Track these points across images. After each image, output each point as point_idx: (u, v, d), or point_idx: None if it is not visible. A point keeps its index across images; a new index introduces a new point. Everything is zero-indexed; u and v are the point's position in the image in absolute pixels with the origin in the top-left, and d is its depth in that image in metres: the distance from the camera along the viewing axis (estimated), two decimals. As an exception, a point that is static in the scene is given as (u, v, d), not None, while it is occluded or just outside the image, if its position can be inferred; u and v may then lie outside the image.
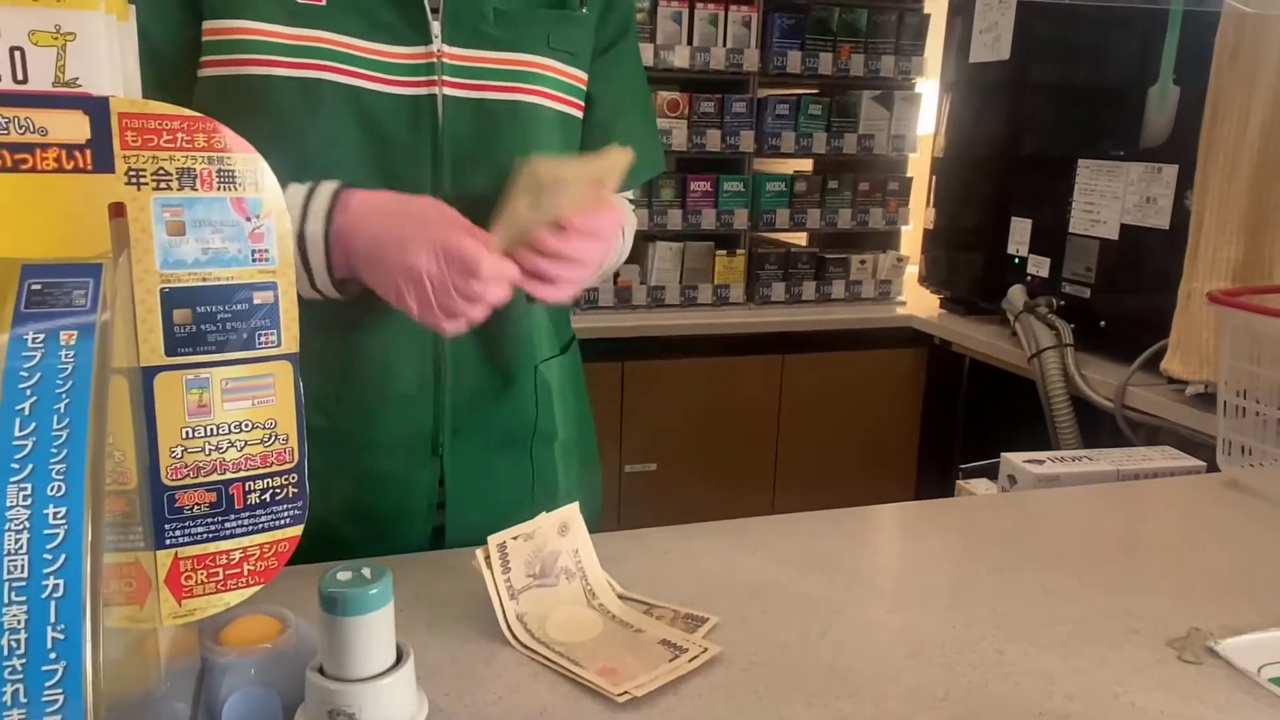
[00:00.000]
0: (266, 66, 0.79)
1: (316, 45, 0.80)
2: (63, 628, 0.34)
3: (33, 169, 0.40)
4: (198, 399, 0.45)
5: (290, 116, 0.80)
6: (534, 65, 0.87)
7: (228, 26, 0.79)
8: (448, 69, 0.84)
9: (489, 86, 0.86)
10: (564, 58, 0.90)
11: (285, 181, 0.81)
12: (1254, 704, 0.67)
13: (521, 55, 0.87)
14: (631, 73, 1.01)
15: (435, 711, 0.63)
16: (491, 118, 0.86)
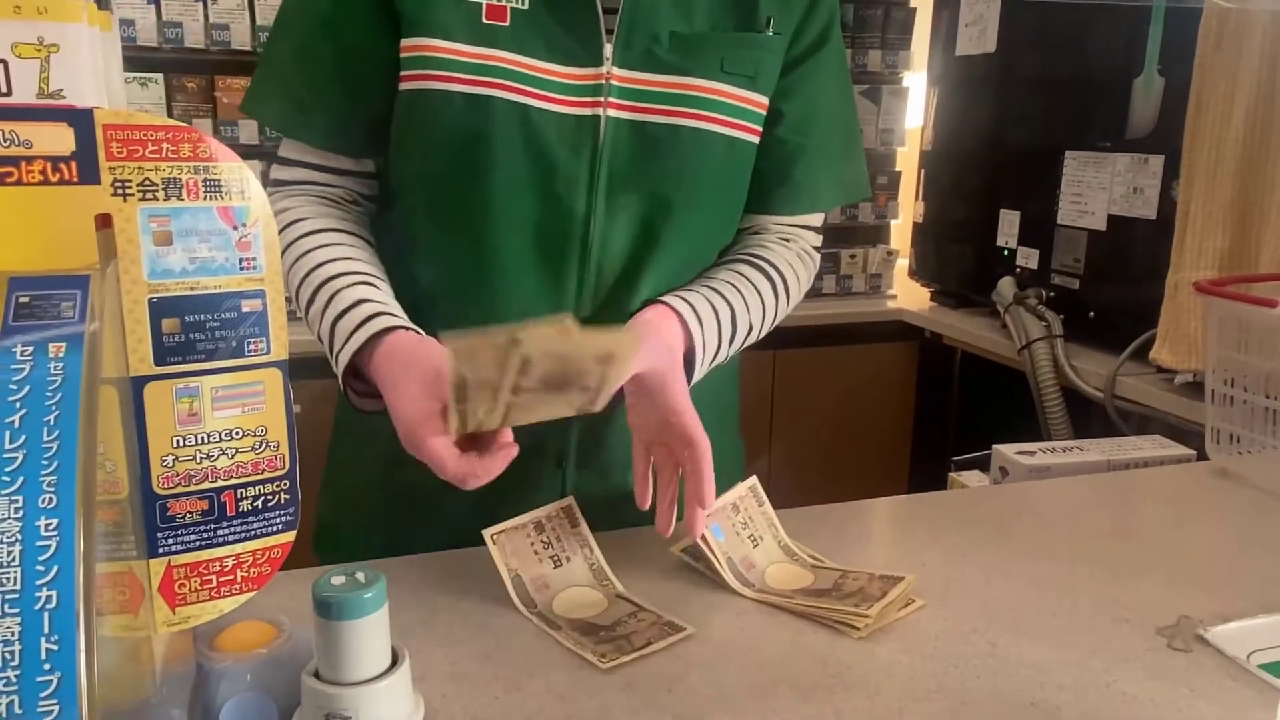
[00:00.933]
0: (446, 83, 0.82)
1: (493, 64, 0.82)
2: (56, 639, 0.34)
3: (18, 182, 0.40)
4: (188, 408, 0.45)
5: (463, 131, 0.83)
6: (702, 90, 0.86)
7: (418, 44, 0.82)
8: (615, 91, 0.85)
9: (653, 110, 0.86)
10: (740, 81, 0.88)
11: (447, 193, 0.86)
12: (1244, 690, 0.68)
13: (691, 79, 0.86)
14: (826, 86, 0.97)
15: (431, 713, 0.63)
16: (651, 140, 0.86)
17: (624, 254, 0.90)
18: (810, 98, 0.95)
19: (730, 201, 0.95)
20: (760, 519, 0.87)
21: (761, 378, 2.59)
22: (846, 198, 1.03)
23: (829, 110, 0.97)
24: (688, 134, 0.87)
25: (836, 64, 0.98)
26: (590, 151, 0.86)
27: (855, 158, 1.03)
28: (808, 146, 0.96)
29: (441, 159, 0.85)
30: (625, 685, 0.67)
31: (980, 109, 2.38)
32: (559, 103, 0.84)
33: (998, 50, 2.28)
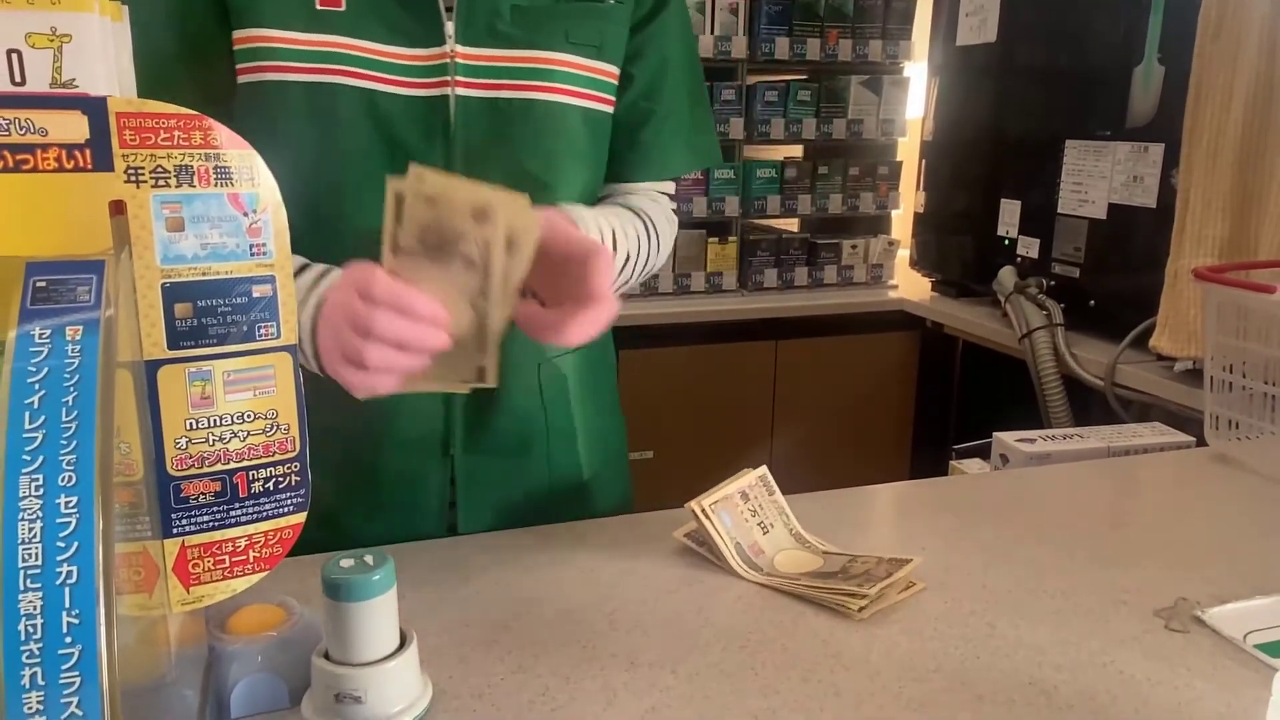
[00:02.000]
0: (282, 73, 0.80)
1: (331, 50, 0.81)
2: (77, 613, 0.35)
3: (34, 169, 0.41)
4: (200, 391, 0.46)
5: (306, 121, 0.81)
6: (551, 62, 0.86)
7: (250, 35, 0.80)
8: (461, 69, 0.84)
9: (503, 85, 0.85)
10: (587, 52, 0.88)
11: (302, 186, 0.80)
12: (1240, 670, 0.68)
13: (537, 52, 0.85)
14: (671, 51, 0.96)
15: (439, 694, 0.64)
16: (504, 116, 0.85)
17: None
18: (657, 62, 0.95)
19: (590, 174, 0.94)
20: (771, 507, 0.88)
21: (764, 368, 2.60)
22: (698, 163, 1.03)
23: (676, 74, 0.97)
24: (541, 108, 0.86)
25: (680, 27, 0.97)
26: (442, 133, 0.84)
27: (704, 122, 1.02)
28: (656, 111, 0.96)
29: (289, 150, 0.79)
30: (629, 665, 0.68)
31: (981, 99, 2.38)
32: (405, 85, 0.83)
33: (998, 40, 2.28)
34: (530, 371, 0.94)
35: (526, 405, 0.95)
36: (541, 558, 0.85)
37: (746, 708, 0.63)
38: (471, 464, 0.93)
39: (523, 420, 0.95)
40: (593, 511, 0.99)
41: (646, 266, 0.97)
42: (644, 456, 2.51)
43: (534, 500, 0.97)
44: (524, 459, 0.96)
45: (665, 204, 1.03)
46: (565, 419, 0.98)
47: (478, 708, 0.63)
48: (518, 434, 0.95)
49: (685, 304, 2.56)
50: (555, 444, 0.97)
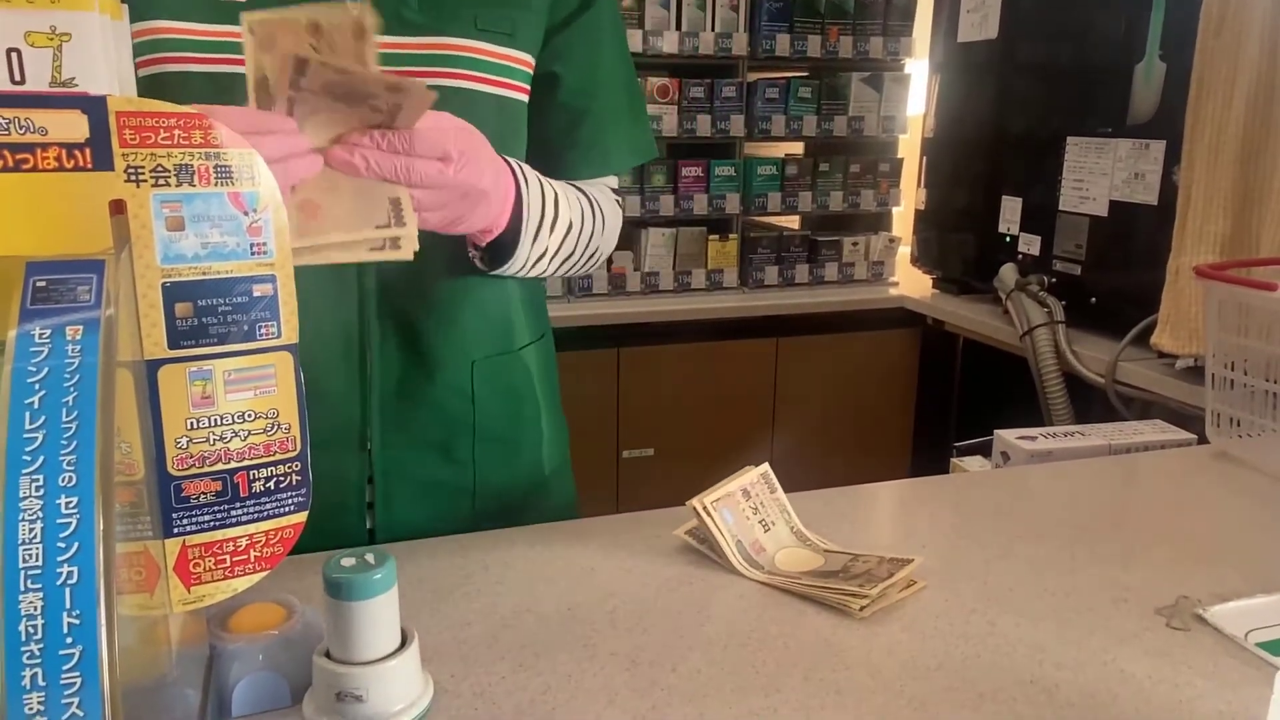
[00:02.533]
0: (182, 64, 0.79)
1: (232, 40, 0.79)
2: (78, 613, 0.35)
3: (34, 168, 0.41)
4: (201, 390, 0.46)
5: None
6: (458, 48, 0.84)
7: (147, 27, 0.79)
8: None
9: (411, 73, 0.81)
10: (496, 39, 0.86)
11: None
12: (1241, 668, 0.68)
13: (445, 39, 0.84)
14: (603, 47, 0.95)
15: (440, 692, 0.64)
16: None
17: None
18: (587, 60, 0.94)
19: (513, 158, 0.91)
20: (772, 505, 0.88)
21: (764, 365, 2.60)
22: (637, 158, 1.02)
23: (608, 71, 0.96)
24: (453, 94, 0.84)
25: (610, 24, 0.96)
26: None
27: (641, 118, 1.02)
28: (592, 109, 0.95)
29: None
30: (630, 664, 0.68)
31: (982, 96, 2.38)
32: None
33: (1000, 37, 2.28)
34: (462, 367, 0.91)
35: (453, 402, 0.92)
36: (543, 556, 0.85)
37: (748, 706, 0.63)
38: (390, 459, 0.90)
39: (448, 417, 0.92)
40: (524, 521, 0.93)
41: (591, 243, 0.95)
42: (643, 454, 2.51)
43: (460, 506, 0.94)
44: (448, 459, 0.93)
45: (609, 193, 1.02)
46: (501, 423, 0.95)
47: (479, 706, 0.63)
48: (441, 431, 0.92)
49: (686, 301, 2.56)
50: (485, 448, 0.94)
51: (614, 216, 1.01)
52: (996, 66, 2.31)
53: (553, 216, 0.88)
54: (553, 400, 1.04)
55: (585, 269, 1.00)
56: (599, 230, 0.96)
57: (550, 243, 0.88)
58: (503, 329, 0.95)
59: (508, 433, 0.96)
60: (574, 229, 0.91)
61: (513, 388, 0.96)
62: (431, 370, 0.90)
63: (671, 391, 2.51)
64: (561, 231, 0.89)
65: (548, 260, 0.90)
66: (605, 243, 0.99)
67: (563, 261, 0.93)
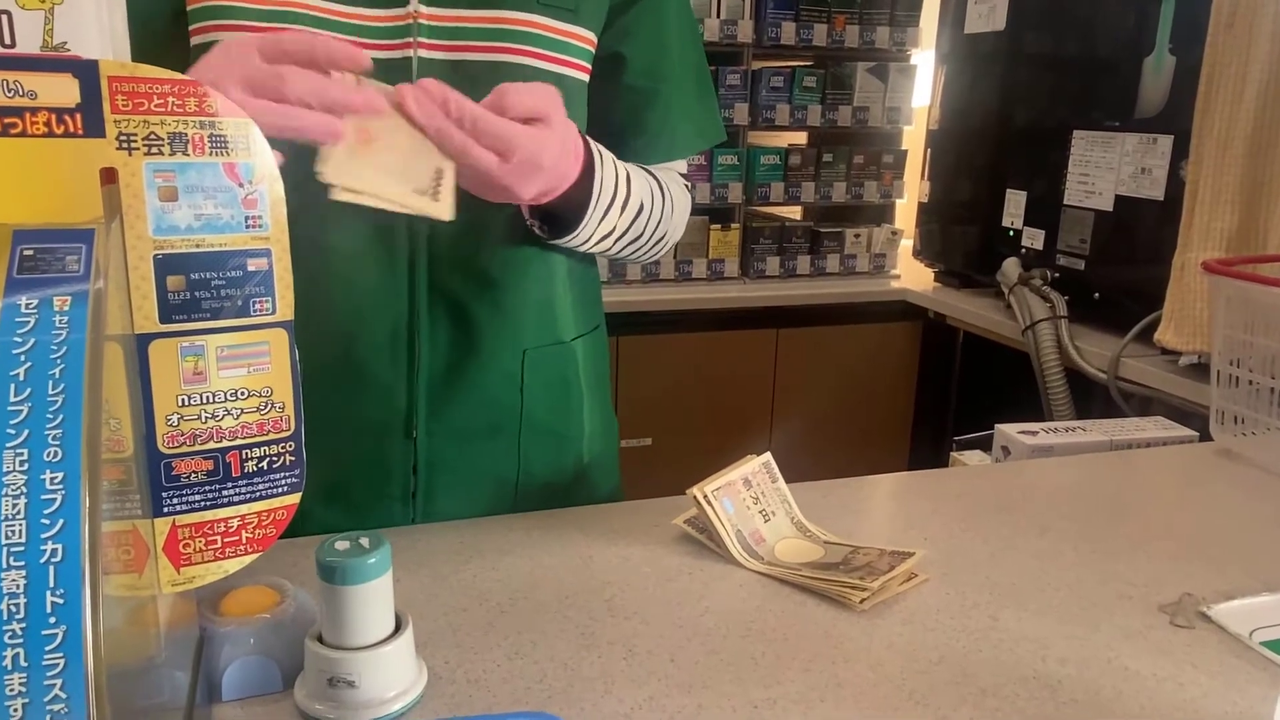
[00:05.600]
0: (238, 32, 0.76)
1: (288, 10, 0.77)
2: (62, 592, 0.34)
3: (23, 133, 0.39)
4: (193, 366, 0.45)
5: None
6: (518, 23, 0.82)
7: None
8: (424, 30, 0.80)
9: (468, 47, 0.81)
10: (559, 14, 0.84)
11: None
12: (1246, 667, 0.68)
13: (504, 13, 0.82)
14: (669, 27, 0.92)
15: (434, 679, 0.63)
16: (470, 79, 0.80)
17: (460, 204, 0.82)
18: (654, 40, 0.91)
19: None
20: (773, 495, 0.87)
21: (764, 356, 2.59)
22: (705, 143, 1.00)
23: (677, 52, 0.94)
24: (509, 70, 0.82)
25: (678, 3, 0.94)
26: None
27: (708, 100, 0.99)
28: (660, 92, 0.92)
29: None
30: (627, 654, 0.67)
31: (988, 88, 2.36)
32: (366, 47, 0.77)
33: (1007, 28, 2.26)
34: (513, 356, 0.90)
35: (503, 391, 0.90)
36: (539, 543, 0.84)
37: (747, 697, 0.63)
38: (435, 448, 0.88)
39: (497, 407, 0.90)
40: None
41: (660, 228, 0.93)
42: (642, 443, 2.50)
43: (500, 497, 0.92)
44: (493, 447, 0.91)
45: (678, 179, 1.00)
46: (549, 413, 0.94)
47: (473, 694, 0.62)
48: (488, 420, 0.90)
49: (686, 291, 2.55)
50: (531, 437, 0.93)
51: (683, 202, 0.99)
52: (1003, 58, 2.29)
53: (624, 196, 0.86)
54: (602, 393, 1.02)
55: (651, 254, 0.98)
56: (668, 215, 0.95)
57: (619, 223, 0.87)
58: (554, 319, 0.93)
59: (555, 424, 0.95)
60: (644, 212, 0.89)
61: (563, 379, 0.94)
62: (483, 359, 0.88)
63: (670, 381, 2.50)
64: (631, 214, 0.88)
65: (613, 240, 0.89)
66: (674, 229, 0.97)
67: (630, 243, 0.91)
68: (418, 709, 0.60)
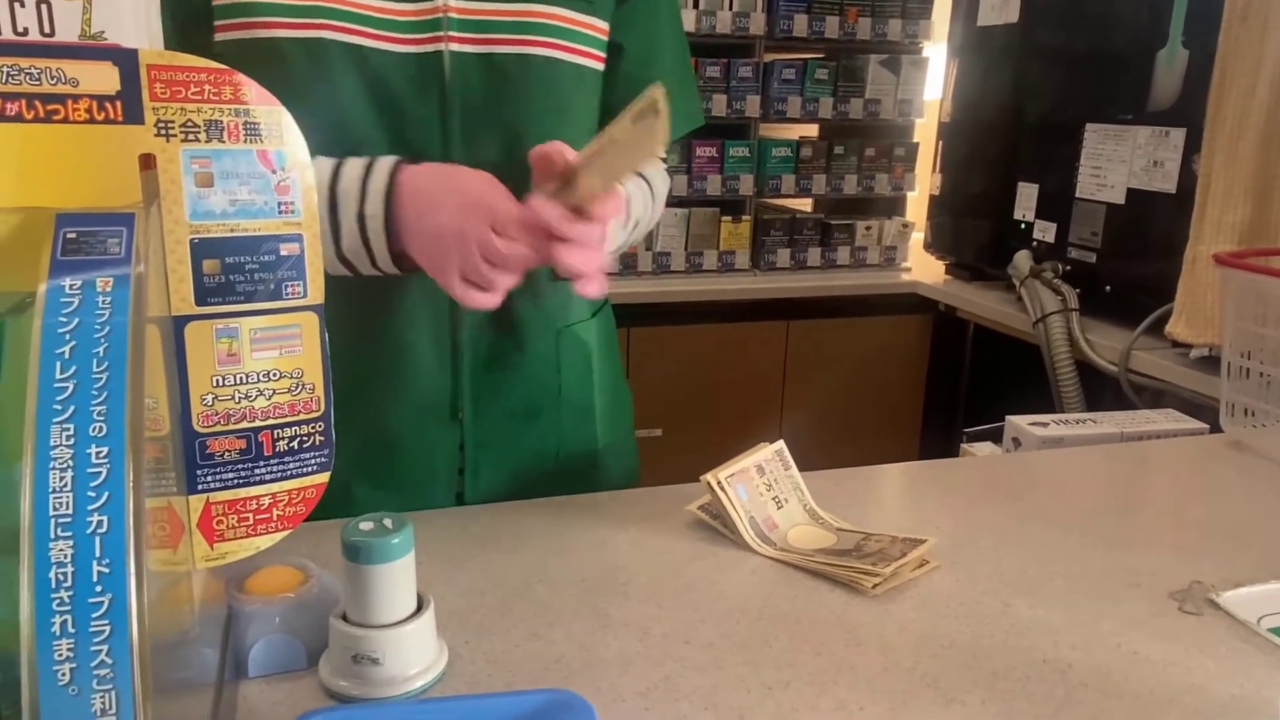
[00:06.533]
0: (272, 29, 0.78)
1: (320, 5, 0.78)
2: (108, 562, 0.35)
3: (64, 120, 0.41)
4: (227, 348, 0.46)
5: (298, 79, 0.79)
6: (544, 16, 0.84)
7: None
8: (454, 24, 0.82)
9: (497, 40, 0.83)
10: (579, 6, 0.87)
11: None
12: (1254, 653, 0.68)
13: (531, 6, 0.84)
14: (661, 19, 0.96)
15: (455, 658, 0.64)
16: (500, 72, 0.83)
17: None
18: (649, 29, 0.94)
19: (579, 131, 0.92)
20: (786, 482, 0.88)
21: (774, 348, 2.60)
22: (687, 127, 1.03)
23: (668, 41, 0.97)
24: (538, 63, 0.84)
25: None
26: (437, 91, 0.82)
27: (690, 86, 1.04)
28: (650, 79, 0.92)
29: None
30: (642, 635, 0.68)
31: (1000, 80, 2.36)
32: (397, 41, 0.81)
33: (1020, 20, 2.25)
34: (548, 338, 0.94)
35: (541, 371, 0.94)
36: (556, 528, 0.85)
37: (760, 679, 0.64)
38: (481, 429, 0.92)
39: (535, 386, 0.94)
40: (600, 485, 0.98)
41: (641, 228, 0.98)
42: (652, 434, 2.51)
43: (543, 470, 0.96)
44: (534, 426, 0.95)
45: (659, 164, 1.04)
46: (580, 389, 0.98)
47: (493, 673, 0.64)
48: (528, 399, 0.94)
49: (697, 282, 2.55)
50: (567, 413, 0.97)
51: (663, 194, 1.03)
52: (1016, 51, 2.29)
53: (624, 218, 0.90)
54: (617, 365, 1.07)
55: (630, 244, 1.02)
56: (654, 215, 0.99)
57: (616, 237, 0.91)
58: (579, 299, 0.96)
59: (584, 399, 0.99)
60: (638, 225, 0.94)
61: (587, 355, 0.99)
62: (521, 341, 0.92)
63: (681, 372, 2.51)
64: (628, 230, 0.92)
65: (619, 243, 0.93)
66: (653, 217, 1.01)
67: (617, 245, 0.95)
68: (439, 686, 0.62)
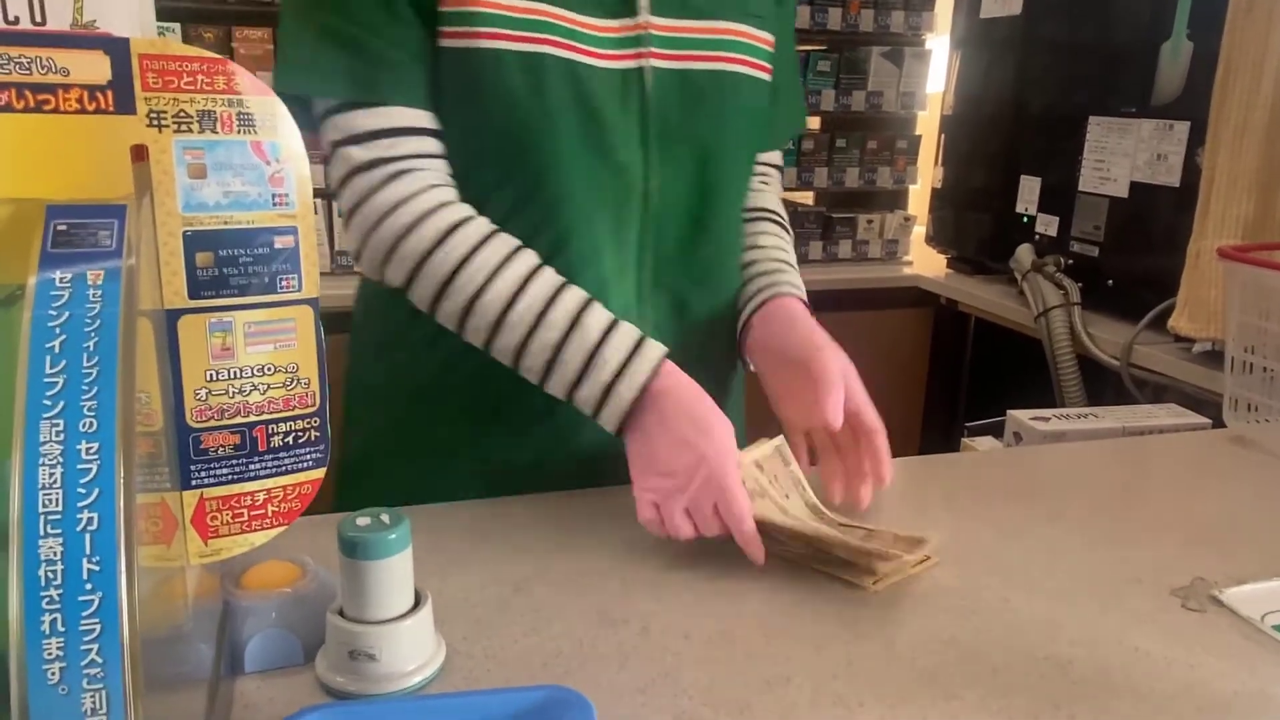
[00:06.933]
0: (496, 40, 0.79)
1: (543, 19, 0.80)
2: (98, 559, 0.34)
3: (55, 110, 0.40)
4: (221, 342, 0.46)
5: (517, 92, 0.80)
6: (733, 33, 0.88)
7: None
8: (655, 40, 0.84)
9: (694, 57, 0.86)
10: (756, 22, 0.90)
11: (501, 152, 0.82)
12: (1257, 650, 0.68)
13: (722, 24, 0.87)
14: (788, 27, 1.00)
15: (453, 653, 0.64)
16: (696, 89, 0.87)
17: (680, 203, 0.91)
18: (780, 35, 0.97)
19: (759, 141, 0.98)
20: (786, 478, 0.87)
21: (775, 341, 2.59)
22: (795, 132, 1.08)
23: (787, 45, 1.00)
24: (727, 79, 0.88)
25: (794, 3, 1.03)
26: (638, 105, 0.85)
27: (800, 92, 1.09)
28: (780, 85, 0.98)
29: (496, 122, 0.82)
30: (641, 631, 0.68)
31: (1003, 73, 2.34)
32: (603, 57, 0.83)
33: (1023, 13, 2.24)
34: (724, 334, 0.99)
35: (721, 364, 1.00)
36: (554, 524, 0.85)
37: (759, 674, 0.63)
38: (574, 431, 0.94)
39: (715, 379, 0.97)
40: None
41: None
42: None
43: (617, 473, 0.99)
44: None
45: (776, 184, 1.07)
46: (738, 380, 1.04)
47: (491, 668, 0.63)
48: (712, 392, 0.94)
49: (698, 275, 2.54)
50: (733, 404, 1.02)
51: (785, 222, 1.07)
52: (1019, 43, 2.27)
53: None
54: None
55: None
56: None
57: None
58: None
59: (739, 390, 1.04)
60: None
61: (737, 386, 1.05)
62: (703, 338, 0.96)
63: (681, 365, 2.50)
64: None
65: None
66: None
67: None
68: (437, 682, 0.61)
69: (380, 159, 0.79)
